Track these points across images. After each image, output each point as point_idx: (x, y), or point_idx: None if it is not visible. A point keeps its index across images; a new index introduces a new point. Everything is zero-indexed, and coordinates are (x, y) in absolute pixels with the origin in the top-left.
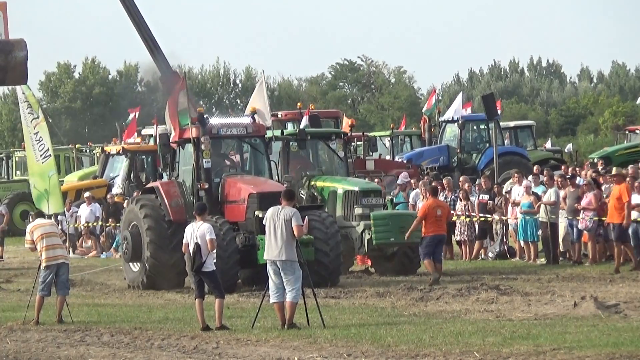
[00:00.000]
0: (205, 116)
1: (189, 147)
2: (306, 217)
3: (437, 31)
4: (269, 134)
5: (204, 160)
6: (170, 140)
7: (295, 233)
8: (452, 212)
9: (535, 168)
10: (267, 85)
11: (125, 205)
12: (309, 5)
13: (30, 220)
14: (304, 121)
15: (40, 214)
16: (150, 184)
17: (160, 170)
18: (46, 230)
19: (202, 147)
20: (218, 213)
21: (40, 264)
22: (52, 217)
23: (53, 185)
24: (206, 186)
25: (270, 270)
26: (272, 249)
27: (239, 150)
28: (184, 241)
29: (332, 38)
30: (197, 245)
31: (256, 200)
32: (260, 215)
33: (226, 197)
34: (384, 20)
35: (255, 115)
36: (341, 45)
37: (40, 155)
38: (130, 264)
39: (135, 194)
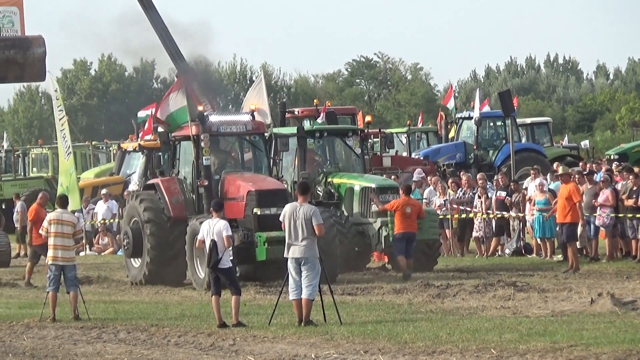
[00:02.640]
0: (205, 114)
1: (189, 145)
2: None
3: (454, 28)
4: (285, 131)
5: (204, 158)
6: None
7: (317, 232)
8: (455, 210)
9: (555, 165)
10: (266, 82)
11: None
12: (325, 1)
13: (55, 206)
14: (321, 118)
15: (64, 202)
16: (151, 181)
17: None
18: (59, 229)
19: (202, 144)
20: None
21: (48, 261)
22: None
23: (72, 183)
24: (206, 183)
25: (291, 267)
26: (294, 247)
27: (238, 148)
28: (199, 237)
29: (349, 35)
30: (213, 242)
31: (255, 197)
32: (259, 213)
33: (225, 194)
34: (400, 17)
35: (255, 113)
36: (358, 42)
37: (65, 152)
38: (132, 260)
39: None
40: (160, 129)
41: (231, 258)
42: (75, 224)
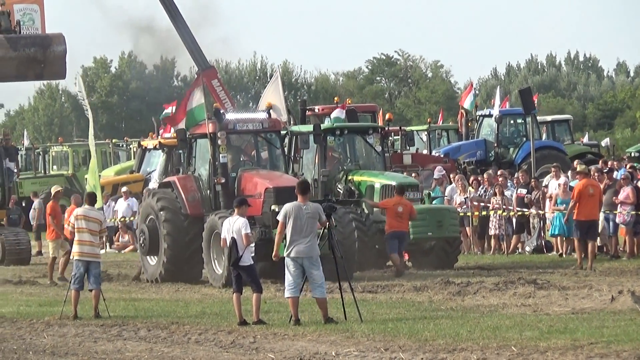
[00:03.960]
0: (221, 111)
1: (206, 142)
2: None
3: (475, 25)
4: (304, 129)
5: (221, 155)
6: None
7: (321, 225)
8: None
9: (575, 162)
10: (286, 80)
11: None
12: None
13: (82, 201)
14: (341, 115)
15: (92, 199)
16: (167, 179)
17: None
18: (85, 225)
19: (219, 142)
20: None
21: (73, 257)
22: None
23: (96, 180)
24: (222, 181)
25: (291, 265)
26: (299, 246)
27: (254, 145)
28: (222, 236)
29: (369, 32)
30: (233, 240)
31: (272, 194)
32: (277, 210)
33: (242, 192)
34: (420, 15)
35: (271, 111)
36: (378, 40)
37: (94, 150)
38: (148, 257)
39: None
40: (180, 127)
41: (252, 255)
42: (101, 222)
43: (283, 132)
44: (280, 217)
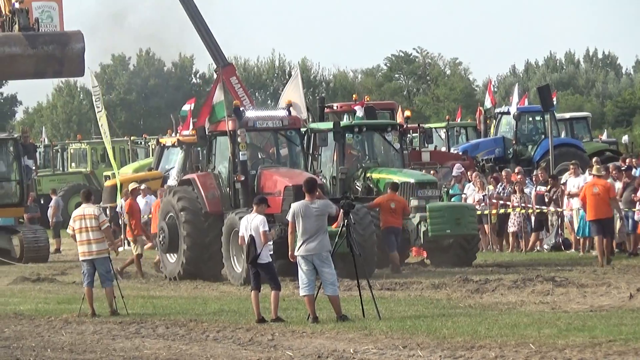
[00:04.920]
0: (241, 109)
1: (226, 140)
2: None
3: (493, 22)
4: (323, 126)
5: (240, 153)
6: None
7: (334, 225)
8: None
9: (593, 160)
10: (305, 77)
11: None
12: None
13: (80, 199)
14: (359, 112)
15: (87, 196)
16: (187, 176)
17: (193, 164)
18: (83, 224)
19: (238, 139)
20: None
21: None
22: (107, 209)
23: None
24: (242, 178)
25: (302, 264)
26: (310, 244)
27: (274, 143)
28: (239, 233)
29: (388, 30)
30: (252, 238)
31: (292, 192)
32: None
33: (262, 189)
34: (439, 12)
35: (291, 108)
36: (397, 37)
37: (110, 147)
38: (168, 255)
39: None
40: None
41: (271, 253)
42: (97, 216)
43: (303, 130)
44: (289, 217)
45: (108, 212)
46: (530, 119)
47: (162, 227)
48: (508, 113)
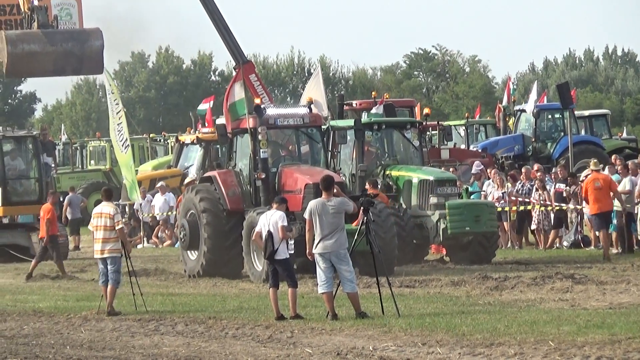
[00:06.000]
0: (262, 107)
1: (247, 137)
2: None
3: (512, 20)
4: (343, 123)
5: (261, 151)
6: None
7: (354, 223)
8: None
9: (613, 157)
10: (324, 75)
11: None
12: None
13: (101, 197)
14: (379, 110)
15: (108, 194)
16: (208, 173)
17: (212, 161)
18: (99, 222)
19: (259, 137)
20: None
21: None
22: (126, 207)
23: (134, 176)
24: (263, 176)
25: (320, 261)
26: (327, 242)
27: (295, 140)
28: (256, 229)
29: (407, 27)
30: (269, 233)
31: (312, 190)
32: None
33: (283, 187)
34: (458, 9)
35: (312, 106)
36: (416, 34)
37: (122, 146)
38: (188, 252)
39: None
40: (218, 121)
41: (291, 252)
42: (113, 216)
43: (323, 127)
44: (306, 216)
45: (127, 209)
46: (550, 116)
47: (183, 225)
48: (525, 111)
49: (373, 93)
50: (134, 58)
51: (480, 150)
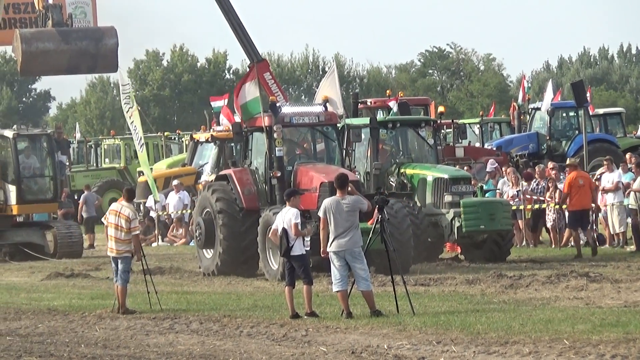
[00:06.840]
0: (277, 105)
1: (262, 136)
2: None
3: (527, 18)
4: (357, 122)
5: (277, 149)
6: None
7: (369, 221)
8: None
9: (627, 155)
10: (338, 73)
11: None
12: None
13: (122, 196)
14: (394, 108)
15: (130, 195)
16: (223, 172)
17: (227, 159)
18: (116, 221)
19: (275, 135)
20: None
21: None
22: (141, 205)
23: (149, 173)
24: (278, 174)
25: (334, 259)
26: (341, 240)
27: (311, 139)
28: (272, 226)
29: (421, 25)
30: (284, 230)
31: (328, 188)
32: None
33: (298, 185)
34: (473, 8)
35: (327, 104)
36: (430, 33)
37: (139, 144)
38: (204, 250)
39: None
40: (236, 118)
41: (307, 249)
42: (131, 220)
43: (339, 125)
44: (320, 214)
45: (142, 207)
46: (564, 114)
47: (199, 223)
48: (539, 109)
49: (387, 91)
50: (148, 56)
51: (494, 149)
